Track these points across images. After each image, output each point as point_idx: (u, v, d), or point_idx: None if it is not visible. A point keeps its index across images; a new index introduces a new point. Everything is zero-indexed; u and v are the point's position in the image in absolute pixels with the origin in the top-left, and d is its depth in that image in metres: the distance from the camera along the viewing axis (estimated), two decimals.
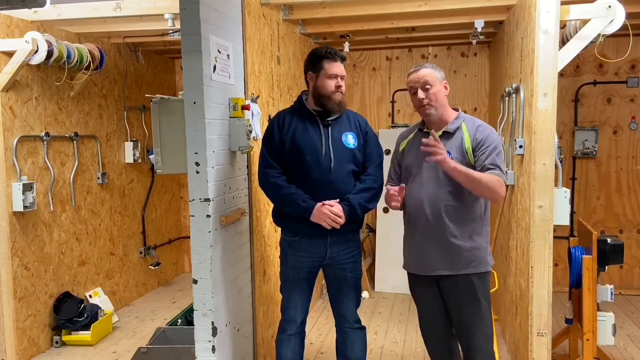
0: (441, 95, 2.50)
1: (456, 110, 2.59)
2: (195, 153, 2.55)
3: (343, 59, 2.72)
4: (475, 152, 2.44)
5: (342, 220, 2.60)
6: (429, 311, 2.64)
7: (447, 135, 2.50)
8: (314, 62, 2.72)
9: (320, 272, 2.89)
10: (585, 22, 2.91)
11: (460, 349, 2.65)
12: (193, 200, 2.58)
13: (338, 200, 2.64)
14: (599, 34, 2.91)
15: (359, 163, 2.75)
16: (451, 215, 2.45)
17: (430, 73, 2.49)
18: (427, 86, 2.47)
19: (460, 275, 2.47)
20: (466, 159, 2.44)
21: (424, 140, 2.35)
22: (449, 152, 2.42)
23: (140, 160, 5.20)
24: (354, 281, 2.83)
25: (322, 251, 2.74)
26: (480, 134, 2.46)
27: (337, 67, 2.68)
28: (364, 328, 2.92)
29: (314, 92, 2.73)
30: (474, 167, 2.42)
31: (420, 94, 2.48)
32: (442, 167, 2.36)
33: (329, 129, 2.72)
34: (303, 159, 2.67)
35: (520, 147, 3.21)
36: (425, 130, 2.57)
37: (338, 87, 2.68)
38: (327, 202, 2.61)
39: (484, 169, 2.40)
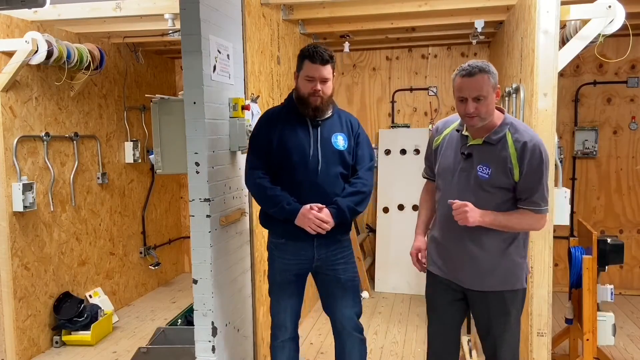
0: (492, 105, 2.19)
1: (501, 111, 2.27)
2: (195, 153, 2.55)
3: (325, 61, 2.49)
4: (521, 177, 2.17)
5: (328, 226, 2.49)
6: (442, 321, 2.46)
7: (487, 145, 2.22)
8: (298, 61, 2.57)
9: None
10: (585, 22, 2.91)
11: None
12: (193, 200, 2.58)
13: (324, 206, 2.53)
14: (599, 34, 2.91)
15: (347, 166, 2.62)
16: (486, 229, 2.22)
17: (486, 81, 2.13)
18: (481, 98, 2.13)
19: (490, 291, 2.29)
20: (509, 179, 2.18)
21: (453, 208, 2.19)
22: (487, 166, 2.20)
23: (140, 160, 5.20)
24: (348, 283, 2.67)
25: (310, 253, 2.62)
26: (530, 156, 2.15)
27: (315, 69, 2.48)
28: (364, 340, 2.75)
29: (295, 92, 2.62)
30: (515, 186, 2.21)
31: (471, 106, 2.14)
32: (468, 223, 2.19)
33: (318, 129, 2.59)
34: (289, 159, 2.55)
35: None
36: (464, 133, 2.30)
37: (315, 91, 2.49)
38: (314, 204, 2.50)
39: (524, 203, 2.21)
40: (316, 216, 2.48)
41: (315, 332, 4.28)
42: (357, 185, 2.61)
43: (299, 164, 2.55)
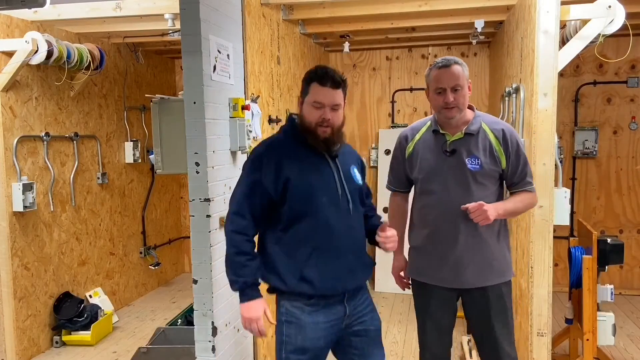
0: (467, 97, 2.29)
1: (470, 108, 2.36)
2: (195, 153, 2.55)
3: (337, 84, 2.05)
4: (509, 164, 2.28)
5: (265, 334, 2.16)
6: (439, 326, 2.43)
7: (469, 137, 2.28)
8: (303, 84, 2.12)
9: None
10: (585, 22, 2.92)
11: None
12: (193, 200, 2.57)
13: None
14: (599, 34, 2.91)
15: (363, 203, 2.28)
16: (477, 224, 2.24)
17: (461, 72, 2.24)
18: (458, 88, 2.23)
19: (489, 286, 2.31)
20: (497, 167, 2.28)
21: (470, 211, 2.17)
22: (475, 157, 2.26)
23: (140, 160, 5.20)
24: (377, 334, 2.27)
25: (341, 310, 2.14)
26: (510, 141, 2.28)
27: (324, 94, 2.04)
28: None
29: (299, 120, 2.14)
30: (502, 173, 2.30)
31: (450, 96, 2.22)
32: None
33: (337, 161, 2.14)
34: (317, 201, 2.06)
35: None
36: (442, 132, 2.31)
37: (323, 119, 2.04)
38: (267, 310, 2.16)
39: (519, 186, 2.32)
40: (265, 311, 2.16)
41: None
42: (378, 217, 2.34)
43: (329, 205, 2.08)
